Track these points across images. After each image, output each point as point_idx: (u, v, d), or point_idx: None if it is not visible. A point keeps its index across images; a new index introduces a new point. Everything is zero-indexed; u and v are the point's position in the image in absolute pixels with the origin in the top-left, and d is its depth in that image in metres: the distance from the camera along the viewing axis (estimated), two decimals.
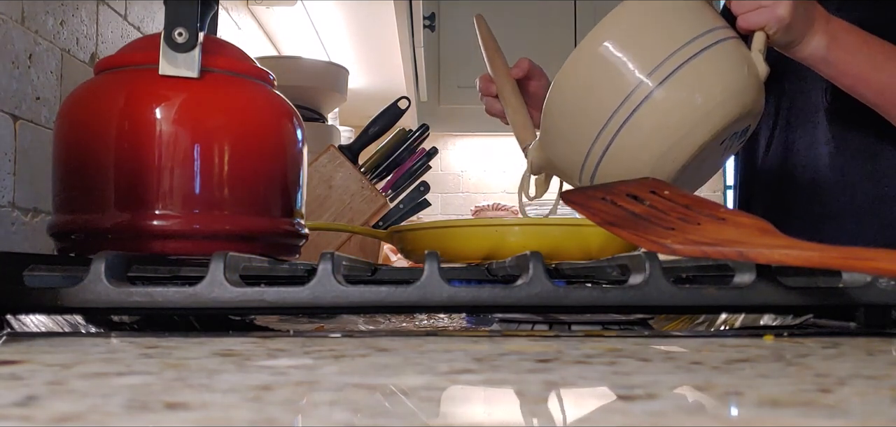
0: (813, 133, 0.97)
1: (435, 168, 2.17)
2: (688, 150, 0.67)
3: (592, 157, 0.69)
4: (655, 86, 0.65)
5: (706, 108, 0.66)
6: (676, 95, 0.65)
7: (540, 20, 3.05)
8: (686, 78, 0.65)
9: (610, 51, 0.67)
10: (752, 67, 0.69)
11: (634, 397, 0.25)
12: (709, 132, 0.66)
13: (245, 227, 0.62)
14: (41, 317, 0.47)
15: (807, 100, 0.98)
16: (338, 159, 1.20)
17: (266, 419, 0.22)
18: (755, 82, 0.69)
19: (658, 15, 0.68)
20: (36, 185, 0.77)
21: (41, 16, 0.79)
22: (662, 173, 0.67)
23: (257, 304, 0.43)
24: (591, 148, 0.68)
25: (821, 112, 0.96)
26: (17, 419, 0.21)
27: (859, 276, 0.44)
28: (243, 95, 0.64)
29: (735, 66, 0.67)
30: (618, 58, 0.67)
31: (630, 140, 0.66)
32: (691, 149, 0.66)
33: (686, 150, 0.67)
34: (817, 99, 0.96)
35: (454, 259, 0.79)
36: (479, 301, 0.44)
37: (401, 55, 1.88)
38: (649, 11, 0.68)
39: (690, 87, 0.65)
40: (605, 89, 0.67)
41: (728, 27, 0.70)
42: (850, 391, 0.26)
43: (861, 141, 0.94)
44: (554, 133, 0.73)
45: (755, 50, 0.70)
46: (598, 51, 0.67)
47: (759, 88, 0.70)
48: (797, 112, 0.99)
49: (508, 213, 2.92)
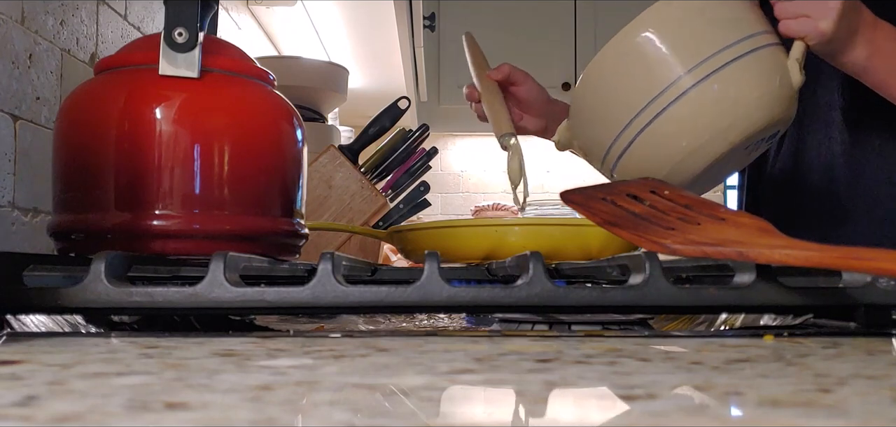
0: (826, 131, 0.95)
1: (435, 168, 2.17)
2: (712, 155, 0.67)
3: (619, 143, 0.69)
4: (691, 85, 0.65)
5: (736, 116, 0.66)
6: (709, 97, 0.65)
7: (540, 20, 3.05)
8: (721, 82, 0.65)
9: (651, 41, 0.67)
10: (785, 77, 0.68)
11: (634, 397, 0.25)
12: (735, 139, 0.67)
13: (245, 227, 0.62)
14: (41, 317, 0.47)
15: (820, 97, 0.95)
16: (338, 159, 1.20)
17: (266, 419, 0.22)
18: (788, 93, 0.68)
19: (703, 12, 0.68)
20: (36, 185, 0.77)
21: (41, 16, 0.79)
22: (685, 171, 0.68)
23: (257, 304, 0.43)
24: (620, 134, 0.68)
25: (835, 110, 0.94)
26: (17, 419, 0.21)
27: (859, 276, 0.44)
28: (243, 95, 0.64)
29: (769, 76, 0.67)
30: (658, 50, 0.66)
31: (658, 134, 0.67)
32: (715, 153, 0.67)
33: (710, 155, 0.67)
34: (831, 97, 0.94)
35: (454, 259, 0.79)
36: (479, 301, 0.44)
37: (401, 55, 1.88)
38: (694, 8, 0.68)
39: (724, 92, 0.65)
40: (641, 79, 0.67)
41: (770, 32, 0.69)
42: (850, 391, 0.26)
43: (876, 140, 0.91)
44: (584, 115, 0.73)
45: (793, 59, 0.69)
46: (639, 39, 0.67)
47: (792, 98, 0.69)
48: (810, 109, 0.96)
49: (508, 213, 2.92)
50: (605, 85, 0.69)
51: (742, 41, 0.66)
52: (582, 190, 0.60)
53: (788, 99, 0.68)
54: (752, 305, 0.44)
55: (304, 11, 1.63)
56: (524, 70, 1.01)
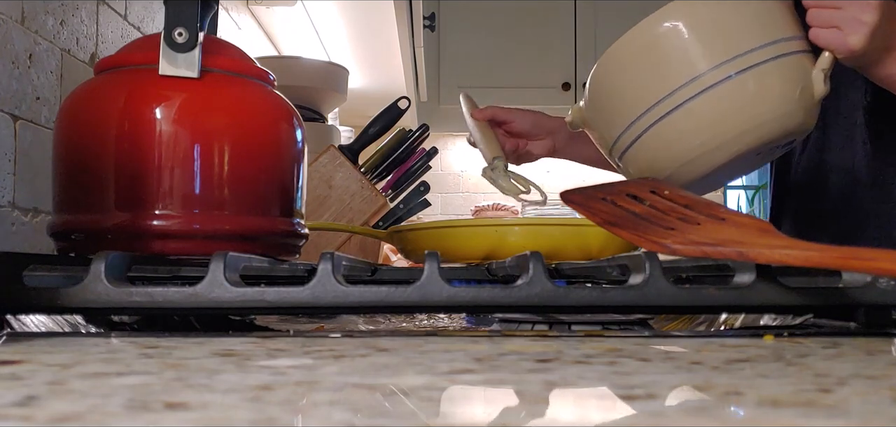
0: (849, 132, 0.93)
1: (435, 168, 2.17)
2: (723, 156, 0.66)
3: (630, 132, 0.68)
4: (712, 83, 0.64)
5: (753, 121, 0.65)
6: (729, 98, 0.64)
7: (540, 20, 3.05)
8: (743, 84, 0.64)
9: (678, 34, 0.65)
10: (808, 87, 0.66)
11: (634, 397, 0.25)
12: (751, 143, 0.66)
13: (245, 227, 0.62)
14: (41, 317, 0.47)
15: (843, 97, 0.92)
16: (338, 159, 1.20)
17: (266, 419, 0.22)
18: (808, 103, 0.66)
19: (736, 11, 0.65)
20: (36, 185, 0.77)
21: (41, 16, 0.79)
22: (693, 170, 0.67)
23: (257, 304, 0.43)
24: (632, 124, 0.67)
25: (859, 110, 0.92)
26: (17, 419, 0.21)
27: (859, 276, 0.44)
28: (243, 95, 0.64)
29: (792, 84, 0.65)
30: (683, 43, 0.65)
31: (672, 129, 0.65)
32: (728, 155, 0.66)
33: (721, 156, 0.66)
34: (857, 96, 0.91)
35: (454, 259, 0.79)
36: (479, 301, 0.44)
37: (401, 55, 1.88)
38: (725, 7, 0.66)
39: (745, 95, 0.64)
40: (662, 70, 0.65)
41: (800, 37, 0.67)
42: (850, 391, 0.26)
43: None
44: (598, 101, 0.71)
45: (818, 69, 0.66)
46: (664, 30, 0.65)
47: (810, 109, 0.67)
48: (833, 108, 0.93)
49: (508, 213, 2.92)
50: (624, 72, 0.68)
51: (768, 45, 0.64)
52: (582, 190, 0.59)
53: (808, 109, 0.66)
54: (752, 305, 0.44)
55: (304, 11, 1.63)
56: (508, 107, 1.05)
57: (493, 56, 3.02)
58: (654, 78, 0.65)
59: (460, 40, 3.04)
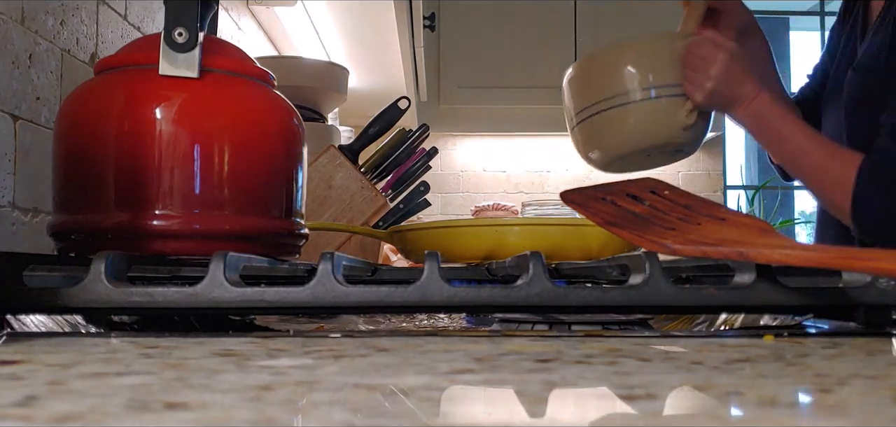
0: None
1: (435, 168, 2.17)
2: (625, 149, 0.97)
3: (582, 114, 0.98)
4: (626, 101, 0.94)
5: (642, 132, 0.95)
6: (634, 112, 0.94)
7: (540, 20, 3.05)
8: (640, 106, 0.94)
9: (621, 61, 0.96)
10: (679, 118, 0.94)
11: (634, 397, 0.25)
12: (640, 145, 0.96)
13: (245, 227, 0.62)
14: (41, 317, 0.47)
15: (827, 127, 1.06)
16: (338, 159, 1.20)
17: (266, 419, 0.22)
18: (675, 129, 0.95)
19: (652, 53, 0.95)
20: (36, 185, 0.77)
21: (41, 16, 0.79)
22: (608, 151, 0.98)
23: (257, 304, 0.43)
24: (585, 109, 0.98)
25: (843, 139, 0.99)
26: (17, 419, 0.21)
27: (859, 276, 0.44)
28: (243, 95, 0.64)
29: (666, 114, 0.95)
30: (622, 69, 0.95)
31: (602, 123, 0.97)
32: (627, 149, 0.97)
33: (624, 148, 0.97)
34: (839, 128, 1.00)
35: (454, 259, 0.79)
36: (479, 301, 0.44)
37: (401, 55, 1.88)
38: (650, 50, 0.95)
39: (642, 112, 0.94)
40: (599, 83, 0.97)
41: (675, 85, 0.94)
42: (850, 391, 0.26)
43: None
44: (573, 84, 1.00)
45: (684, 108, 0.94)
46: (613, 58, 0.97)
47: (681, 131, 0.95)
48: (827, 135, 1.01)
49: (508, 213, 2.92)
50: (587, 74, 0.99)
51: (664, 86, 0.94)
52: (582, 190, 0.60)
53: (676, 132, 0.95)
54: (752, 305, 0.44)
55: (304, 11, 1.63)
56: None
57: (492, 56, 3.02)
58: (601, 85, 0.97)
59: (460, 40, 3.04)
